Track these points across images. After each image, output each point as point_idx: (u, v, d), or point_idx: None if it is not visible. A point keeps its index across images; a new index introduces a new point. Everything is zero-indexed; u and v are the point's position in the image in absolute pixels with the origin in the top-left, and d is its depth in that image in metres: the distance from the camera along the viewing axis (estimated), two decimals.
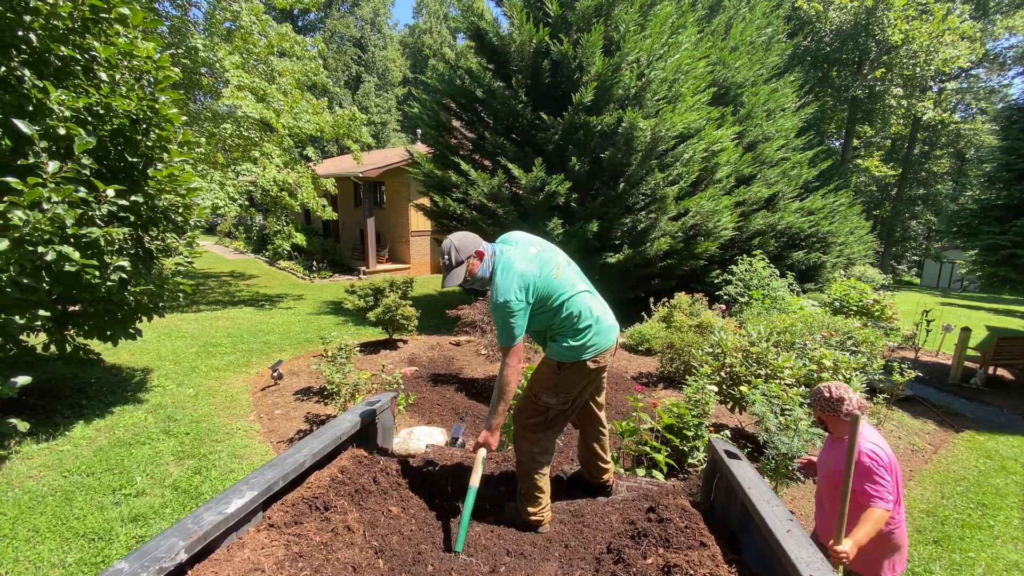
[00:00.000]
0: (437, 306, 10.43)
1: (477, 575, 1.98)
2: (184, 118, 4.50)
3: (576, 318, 2.27)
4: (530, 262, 2.24)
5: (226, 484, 3.55)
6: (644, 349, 7.32)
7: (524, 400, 2.46)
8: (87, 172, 3.40)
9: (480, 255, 2.29)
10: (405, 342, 7.54)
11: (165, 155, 4.16)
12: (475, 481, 2.25)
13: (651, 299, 8.20)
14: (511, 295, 2.15)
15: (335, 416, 4.00)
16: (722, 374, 4.45)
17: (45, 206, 3.04)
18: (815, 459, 2.48)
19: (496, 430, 2.32)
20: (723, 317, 7.29)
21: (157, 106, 3.89)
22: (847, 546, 1.89)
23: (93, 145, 3.19)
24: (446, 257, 2.28)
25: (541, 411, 2.37)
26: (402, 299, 6.99)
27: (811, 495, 3.87)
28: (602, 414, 2.69)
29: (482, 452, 2.34)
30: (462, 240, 2.28)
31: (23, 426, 3.38)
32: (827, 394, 2.20)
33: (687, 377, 4.31)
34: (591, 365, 2.30)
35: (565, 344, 2.29)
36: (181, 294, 4.65)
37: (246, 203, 9.73)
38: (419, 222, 15.50)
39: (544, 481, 2.40)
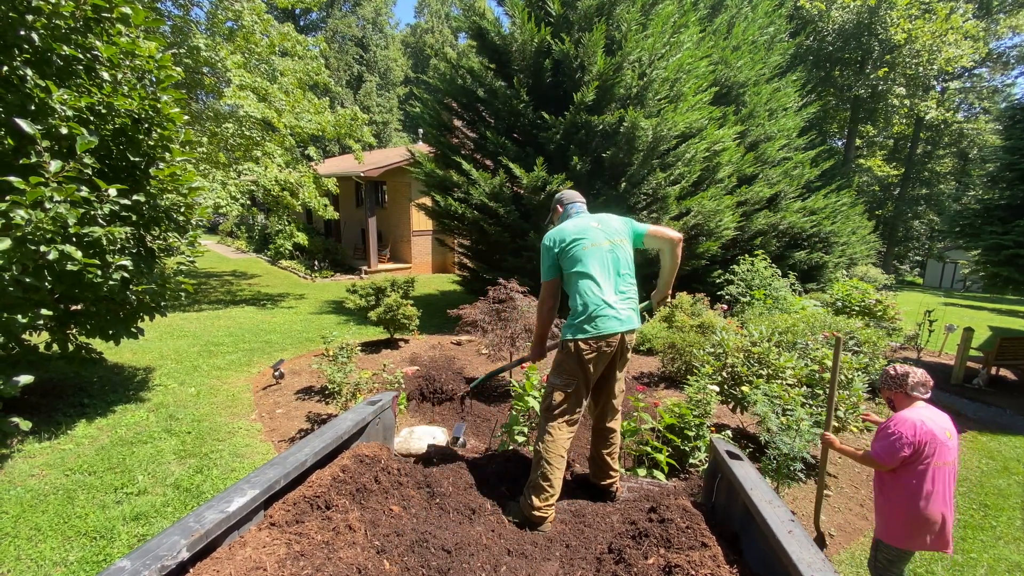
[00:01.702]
0: (438, 306, 10.43)
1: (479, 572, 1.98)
2: (186, 117, 4.51)
3: (574, 295, 2.48)
4: (574, 227, 2.57)
5: (227, 483, 3.56)
6: (645, 349, 7.31)
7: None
8: (89, 171, 3.40)
9: (559, 210, 2.84)
10: (406, 341, 7.54)
11: (167, 154, 4.16)
12: (504, 368, 3.13)
13: None
14: (546, 240, 2.61)
15: (336, 415, 4.00)
16: (723, 374, 4.44)
17: (47, 205, 3.05)
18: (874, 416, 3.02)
19: (535, 344, 2.79)
20: (725, 317, 7.28)
21: (159, 105, 3.89)
22: (831, 437, 2.69)
23: (95, 144, 3.20)
24: (553, 202, 2.92)
25: (549, 393, 2.54)
26: (403, 299, 6.99)
27: (813, 496, 3.86)
28: (616, 417, 2.70)
29: (521, 357, 3.03)
30: (562, 194, 2.85)
31: (25, 425, 3.40)
32: (892, 372, 2.42)
33: (688, 377, 4.31)
34: (583, 347, 2.40)
35: (567, 323, 2.50)
36: (183, 293, 4.65)
37: (248, 203, 9.74)
38: (421, 221, 15.51)
39: (554, 475, 2.42)
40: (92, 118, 3.58)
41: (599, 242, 2.52)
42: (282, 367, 5.67)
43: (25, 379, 3.31)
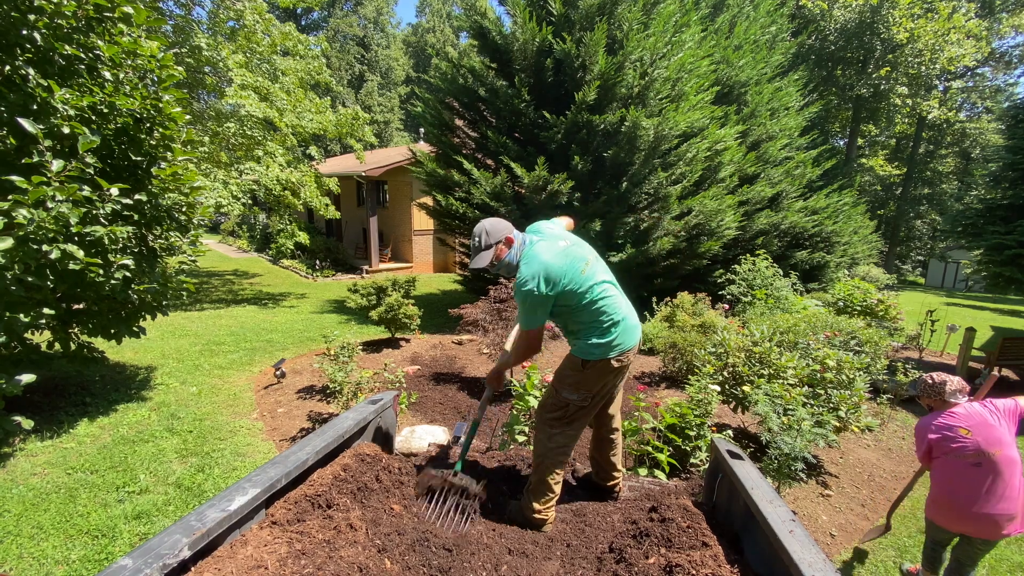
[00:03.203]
0: (440, 305, 10.44)
1: (480, 571, 1.98)
2: (188, 117, 4.51)
3: (603, 315, 2.26)
4: (558, 255, 2.21)
5: (229, 482, 3.57)
6: (647, 348, 7.30)
7: (546, 395, 2.50)
8: (91, 171, 3.41)
9: (509, 242, 2.29)
10: (408, 341, 7.54)
11: (169, 154, 4.17)
12: (478, 415, 2.65)
13: (654, 298, 8.19)
14: (534, 284, 2.15)
15: (337, 414, 4.00)
16: (725, 374, 4.44)
17: (49, 204, 3.05)
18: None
19: (496, 371, 2.59)
20: (726, 317, 7.27)
21: (161, 105, 3.89)
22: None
23: (97, 144, 3.20)
24: (476, 239, 2.30)
25: (561, 406, 2.39)
26: (404, 298, 7.00)
27: (814, 495, 3.86)
28: (616, 418, 2.69)
29: (487, 391, 2.64)
30: (494, 225, 2.29)
31: (28, 424, 3.40)
32: (930, 381, 2.62)
33: (690, 377, 4.30)
34: (615, 364, 2.29)
35: (591, 342, 2.27)
36: (184, 292, 4.66)
37: (249, 202, 9.75)
38: (422, 221, 15.53)
39: (555, 480, 2.40)
40: (94, 117, 3.58)
41: (588, 258, 2.32)
42: (283, 366, 5.68)
43: (27, 378, 3.32)
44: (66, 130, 3.30)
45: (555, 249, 2.24)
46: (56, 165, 3.11)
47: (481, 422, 2.72)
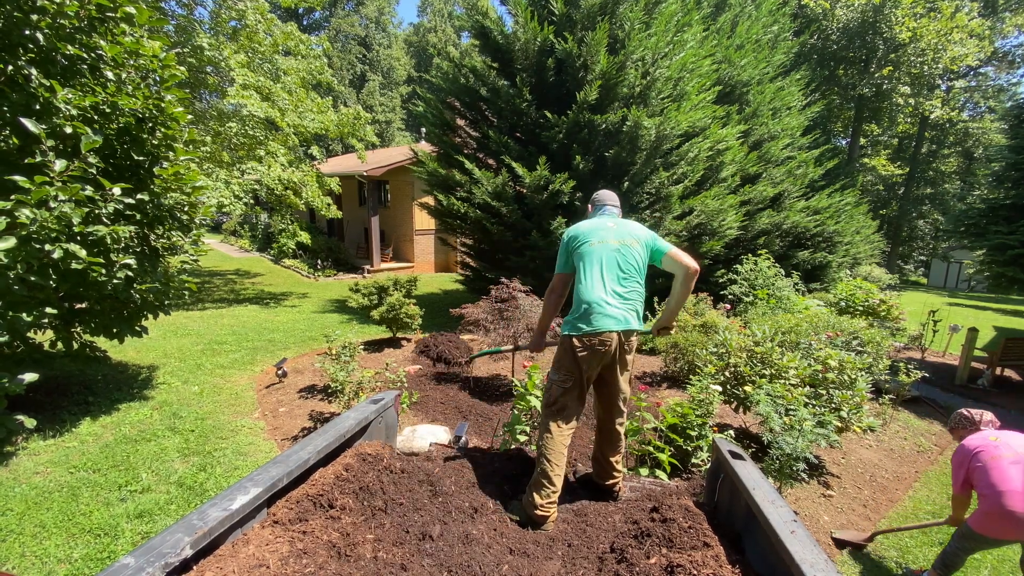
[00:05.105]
0: (441, 305, 10.45)
1: (479, 572, 1.98)
2: (190, 117, 4.52)
3: (577, 292, 2.53)
4: (590, 225, 2.64)
5: (231, 481, 3.57)
6: (648, 348, 7.30)
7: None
8: (93, 171, 3.41)
9: (589, 209, 2.88)
10: (409, 340, 7.55)
11: (171, 154, 4.17)
12: (502, 352, 3.26)
13: (655, 298, 8.18)
14: (564, 235, 2.68)
15: (339, 414, 4.00)
16: (726, 374, 4.43)
17: (52, 204, 3.06)
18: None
19: (536, 333, 2.89)
20: (728, 317, 7.26)
21: (163, 105, 3.90)
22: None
23: (99, 144, 3.21)
24: None
25: (548, 388, 2.58)
26: (406, 298, 7.00)
27: (816, 496, 3.86)
28: (616, 417, 2.69)
29: (523, 344, 3.07)
30: (596, 195, 2.87)
31: (30, 423, 3.41)
32: (967, 413, 3.03)
33: (691, 377, 4.30)
34: (576, 343, 2.44)
35: (565, 319, 2.56)
36: (186, 292, 4.67)
37: (251, 202, 9.77)
38: (423, 221, 15.53)
39: (555, 472, 2.43)
40: (96, 117, 3.59)
41: (607, 240, 2.53)
42: (285, 366, 5.68)
43: (30, 377, 3.33)
44: (68, 130, 3.31)
45: (597, 222, 2.64)
46: (59, 165, 3.11)
47: (494, 351, 3.34)
